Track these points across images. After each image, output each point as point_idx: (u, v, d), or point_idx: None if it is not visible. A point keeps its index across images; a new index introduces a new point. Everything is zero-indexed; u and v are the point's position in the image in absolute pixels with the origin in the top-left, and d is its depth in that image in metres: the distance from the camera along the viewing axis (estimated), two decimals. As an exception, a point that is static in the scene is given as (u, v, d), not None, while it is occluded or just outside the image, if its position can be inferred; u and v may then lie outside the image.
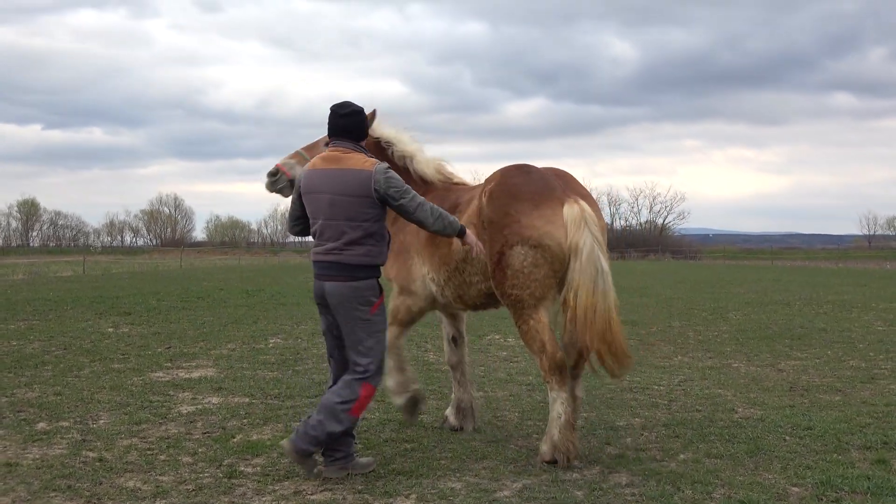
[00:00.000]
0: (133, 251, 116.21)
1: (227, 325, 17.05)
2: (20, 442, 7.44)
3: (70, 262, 62.06)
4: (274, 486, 6.21)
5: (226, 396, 9.46)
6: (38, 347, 13.44)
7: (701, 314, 19.92)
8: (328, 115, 6.58)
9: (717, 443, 7.39)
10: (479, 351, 13.21)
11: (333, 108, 6.58)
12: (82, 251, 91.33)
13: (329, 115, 6.57)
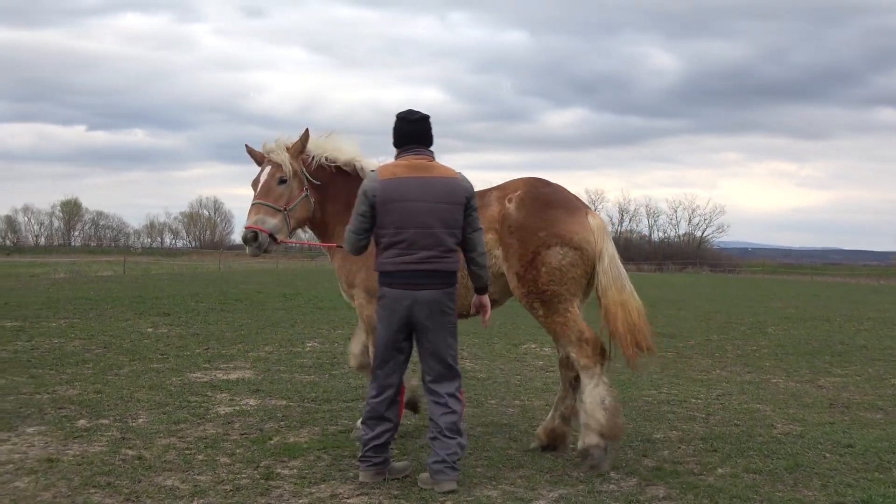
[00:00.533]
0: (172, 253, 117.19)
1: (264, 327, 17.16)
2: (61, 438, 7.52)
3: (110, 262, 62.72)
4: (310, 488, 6.23)
5: (263, 399, 9.52)
6: (78, 345, 13.60)
7: (739, 328, 19.75)
8: (394, 124, 6.54)
9: (755, 458, 7.32)
10: (515, 360, 13.20)
11: (401, 115, 6.53)
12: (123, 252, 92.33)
13: (396, 123, 6.53)
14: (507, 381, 11.10)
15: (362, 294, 7.50)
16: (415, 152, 6.46)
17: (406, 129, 6.49)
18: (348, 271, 7.58)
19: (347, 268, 7.58)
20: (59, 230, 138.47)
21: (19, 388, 9.71)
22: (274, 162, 7.36)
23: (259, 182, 7.31)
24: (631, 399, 9.92)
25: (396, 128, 6.53)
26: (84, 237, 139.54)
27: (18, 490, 6.01)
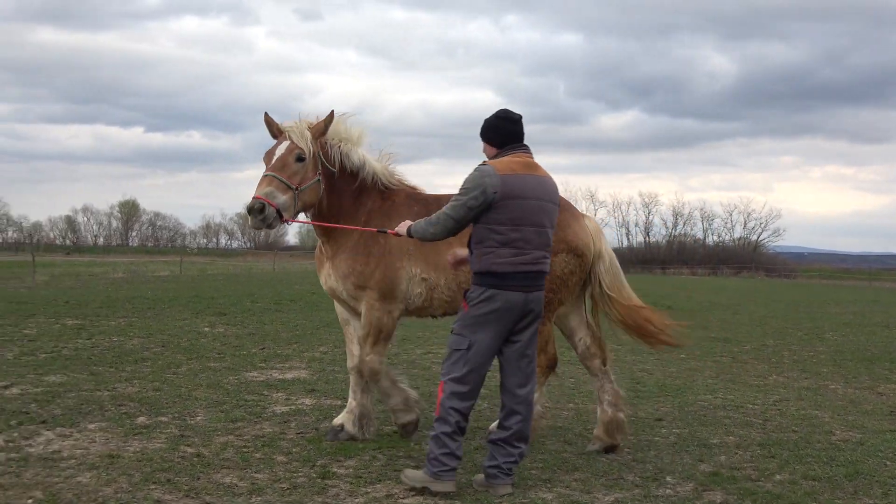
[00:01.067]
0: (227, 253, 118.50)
1: (318, 328, 17.28)
2: (122, 435, 7.65)
3: (167, 262, 63.58)
4: (366, 488, 6.27)
5: (318, 398, 9.59)
6: (137, 344, 13.81)
7: (796, 334, 19.49)
8: (495, 122, 6.44)
9: (814, 465, 7.23)
10: (568, 363, 13.13)
11: (503, 115, 6.46)
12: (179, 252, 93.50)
13: (497, 122, 6.44)
14: (560, 385, 11.07)
15: (374, 295, 7.30)
16: (523, 150, 6.42)
17: (510, 128, 6.41)
18: (360, 273, 7.29)
19: (359, 269, 7.30)
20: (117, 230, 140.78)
21: (80, 386, 9.89)
22: (294, 138, 7.12)
23: (274, 155, 7.06)
24: (686, 403, 9.85)
25: (498, 126, 6.43)
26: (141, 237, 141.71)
27: (81, 485, 6.13)
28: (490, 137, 6.48)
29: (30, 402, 8.88)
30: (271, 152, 7.09)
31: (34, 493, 5.90)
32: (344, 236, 7.43)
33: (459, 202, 6.11)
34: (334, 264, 7.47)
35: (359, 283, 7.32)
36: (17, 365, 11.23)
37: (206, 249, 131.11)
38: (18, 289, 27.70)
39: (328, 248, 7.56)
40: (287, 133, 7.14)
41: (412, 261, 7.36)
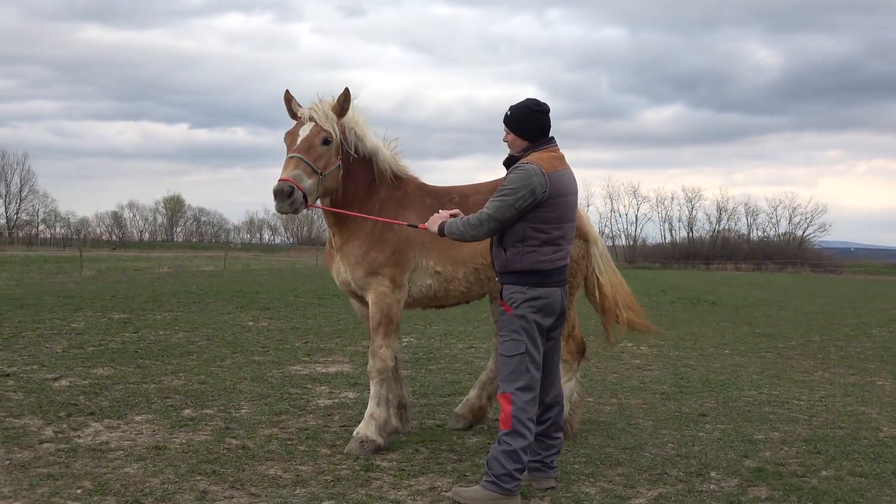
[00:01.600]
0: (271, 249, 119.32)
1: (361, 322, 17.31)
2: (168, 427, 7.74)
3: (211, 258, 64.18)
4: (409, 480, 6.30)
5: (361, 392, 9.64)
6: (183, 338, 13.97)
7: (842, 329, 19.26)
8: (529, 114, 6.10)
9: (861, 461, 7.15)
10: (611, 358, 13.09)
11: (536, 107, 6.14)
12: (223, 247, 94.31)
13: (532, 114, 6.11)
14: (603, 379, 11.04)
15: (385, 282, 7.12)
16: (554, 144, 6.21)
17: (544, 122, 6.15)
18: (373, 259, 7.10)
19: (373, 256, 7.11)
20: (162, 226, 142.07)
21: (127, 378, 10.02)
22: (318, 119, 6.88)
23: (298, 136, 6.82)
24: (731, 399, 9.78)
25: (534, 119, 6.12)
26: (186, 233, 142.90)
27: (128, 475, 6.21)
28: (524, 130, 6.13)
29: (78, 394, 9.02)
30: (294, 133, 6.87)
31: (83, 484, 5.99)
32: (357, 224, 7.19)
33: (505, 203, 5.86)
34: (345, 252, 7.24)
35: (371, 269, 7.10)
36: (66, 358, 11.41)
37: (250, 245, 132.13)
38: (66, 284, 28.11)
39: (338, 237, 7.30)
40: (310, 113, 6.92)
41: (424, 252, 7.30)
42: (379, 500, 5.84)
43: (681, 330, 17.92)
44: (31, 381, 9.68)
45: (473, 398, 8.16)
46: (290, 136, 6.88)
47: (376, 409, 7.16)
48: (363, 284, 7.19)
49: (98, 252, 77.30)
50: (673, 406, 9.33)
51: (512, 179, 5.92)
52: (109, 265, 45.70)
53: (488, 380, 8.12)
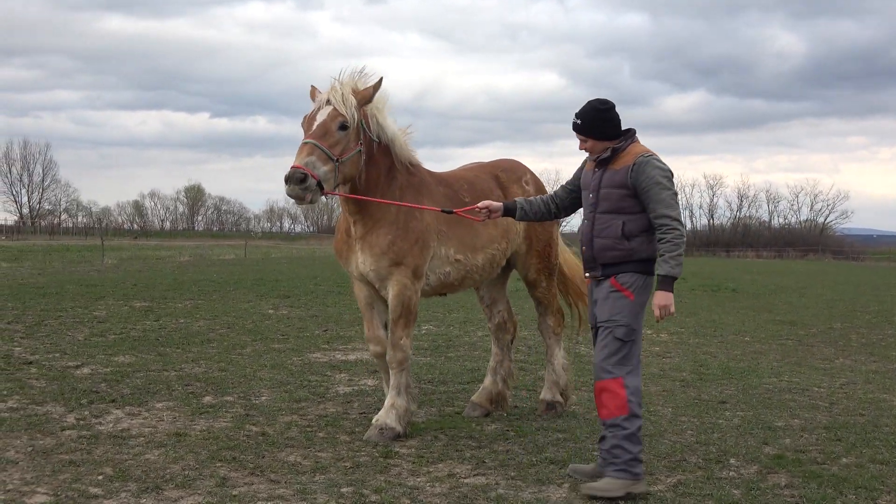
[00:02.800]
0: (291, 237, 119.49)
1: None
2: (188, 414, 7.79)
3: (232, 246, 64.39)
4: (428, 467, 6.32)
5: (380, 380, 9.62)
6: (203, 325, 14.03)
7: (864, 317, 19.15)
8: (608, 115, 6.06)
9: (882, 448, 7.12)
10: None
11: (600, 105, 6.09)
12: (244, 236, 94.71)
13: (610, 114, 6.07)
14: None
15: (408, 273, 7.03)
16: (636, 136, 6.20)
17: (616, 116, 6.12)
18: (399, 249, 6.97)
19: (398, 245, 6.97)
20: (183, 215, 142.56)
21: (148, 366, 10.08)
22: (335, 103, 6.71)
23: (315, 121, 6.66)
24: (751, 386, 9.74)
25: (608, 118, 6.06)
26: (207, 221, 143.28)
27: (149, 462, 6.26)
28: (600, 132, 6.06)
29: (100, 381, 9.08)
30: (311, 117, 6.72)
31: (104, 470, 6.04)
32: (380, 212, 7.02)
33: (675, 198, 5.94)
34: (368, 241, 7.03)
35: (396, 259, 6.96)
36: (88, 346, 11.49)
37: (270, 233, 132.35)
38: (88, 272, 28.29)
39: (360, 226, 7.07)
40: (329, 97, 6.74)
41: (443, 240, 7.30)
42: (398, 486, 5.86)
43: (701, 317, 17.86)
44: (53, 368, 9.75)
45: (489, 385, 8.22)
46: (308, 120, 6.75)
47: (397, 399, 7.15)
48: (385, 275, 7.04)
49: (120, 241, 77.64)
50: (692, 393, 9.30)
51: (663, 171, 5.91)
52: (131, 254, 45.90)
53: (497, 364, 8.26)
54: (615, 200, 5.98)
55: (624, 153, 6.01)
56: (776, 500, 5.76)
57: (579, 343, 12.63)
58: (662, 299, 5.82)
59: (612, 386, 5.88)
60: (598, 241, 6.03)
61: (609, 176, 6.01)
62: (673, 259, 5.79)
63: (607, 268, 6.01)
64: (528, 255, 8.13)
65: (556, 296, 8.42)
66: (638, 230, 5.95)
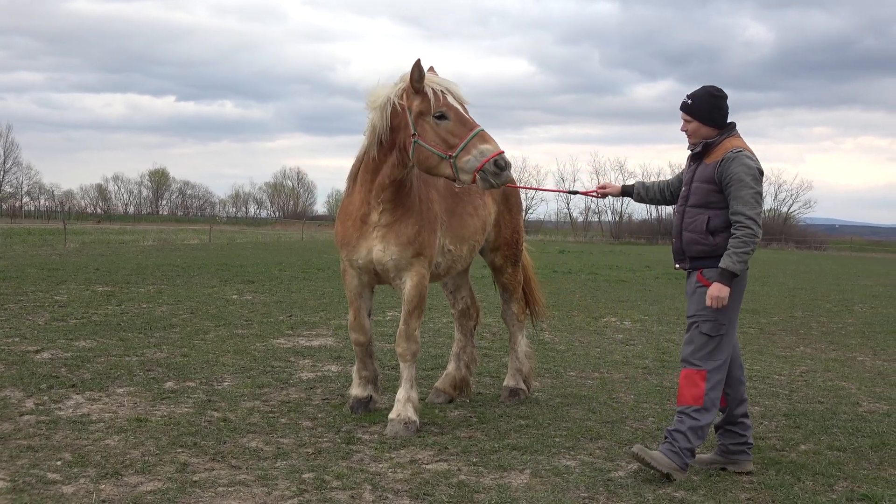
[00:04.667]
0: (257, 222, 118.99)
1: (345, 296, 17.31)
2: (149, 399, 7.73)
3: (197, 231, 63.91)
4: (390, 453, 6.32)
5: (344, 365, 9.65)
6: (166, 311, 13.93)
7: (825, 305, 19.37)
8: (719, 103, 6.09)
9: (839, 435, 7.21)
10: (594, 333, 13.15)
11: (715, 92, 6.12)
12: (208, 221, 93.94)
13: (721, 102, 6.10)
14: (586, 354, 11.08)
15: (426, 264, 7.08)
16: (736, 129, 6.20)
17: (726, 107, 6.14)
18: (424, 240, 6.99)
19: (424, 236, 6.99)
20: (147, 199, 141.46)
21: (110, 351, 9.99)
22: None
23: (462, 111, 6.57)
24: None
25: (719, 106, 6.09)
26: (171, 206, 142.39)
27: (109, 447, 6.21)
28: (708, 118, 6.07)
29: (60, 366, 8.99)
30: (454, 106, 6.55)
31: (63, 455, 5.99)
32: (409, 201, 6.98)
33: (757, 197, 5.91)
34: (395, 230, 6.92)
35: (419, 249, 6.96)
36: (48, 330, 11.37)
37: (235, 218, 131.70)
38: (50, 256, 27.98)
39: (387, 214, 6.94)
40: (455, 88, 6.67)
41: (443, 231, 7.31)
42: (360, 472, 5.85)
43: (665, 305, 17.98)
44: (12, 353, 9.64)
45: (452, 371, 8.25)
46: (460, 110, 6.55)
47: (411, 392, 7.10)
48: (405, 266, 7.00)
49: (82, 225, 76.93)
50: (655, 380, 9.37)
51: (746, 171, 5.87)
52: (93, 238, 45.50)
53: (460, 350, 8.32)
54: (703, 195, 6.04)
55: (717, 147, 6.05)
56: (735, 487, 5.82)
57: (543, 330, 12.69)
58: (717, 291, 5.86)
59: (695, 376, 5.97)
60: (686, 234, 6.13)
61: (701, 170, 6.09)
62: (737, 255, 5.84)
63: (695, 261, 6.10)
64: (496, 242, 8.18)
65: (521, 283, 8.48)
66: (723, 226, 5.98)
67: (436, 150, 6.45)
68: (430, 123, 6.48)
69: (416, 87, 6.56)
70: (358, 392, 7.56)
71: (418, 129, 6.53)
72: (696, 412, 5.92)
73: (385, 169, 6.84)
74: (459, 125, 6.44)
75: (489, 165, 6.25)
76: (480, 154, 6.28)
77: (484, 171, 6.26)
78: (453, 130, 6.43)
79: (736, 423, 6.19)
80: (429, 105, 6.49)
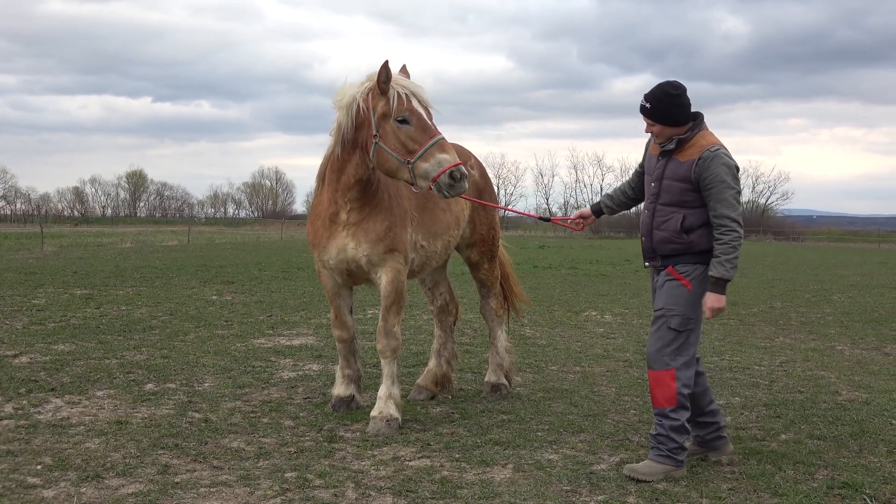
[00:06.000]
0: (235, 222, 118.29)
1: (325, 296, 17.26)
2: (130, 401, 7.69)
3: (175, 232, 63.63)
4: (373, 451, 6.31)
5: (325, 364, 9.63)
6: (145, 312, 13.85)
7: (804, 296, 19.48)
8: (682, 100, 5.89)
9: (819, 424, 7.25)
10: (575, 327, 13.17)
11: (672, 90, 5.91)
12: (187, 222, 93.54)
13: (683, 98, 5.90)
14: (567, 348, 11.09)
15: (401, 259, 7.04)
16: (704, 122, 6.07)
17: (687, 101, 5.94)
18: (395, 235, 6.96)
19: (395, 232, 6.96)
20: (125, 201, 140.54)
21: (89, 354, 9.94)
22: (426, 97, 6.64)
23: (424, 116, 6.49)
24: (693, 366, 9.85)
25: (679, 102, 5.87)
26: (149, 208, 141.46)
27: (89, 450, 6.17)
28: (678, 117, 5.88)
29: (39, 370, 8.93)
30: (417, 111, 6.49)
31: (43, 459, 5.95)
32: (376, 199, 6.95)
33: (737, 197, 5.82)
34: (364, 228, 6.91)
35: (392, 245, 6.94)
36: (27, 334, 11.29)
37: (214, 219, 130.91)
38: (27, 260, 27.80)
39: (354, 213, 6.91)
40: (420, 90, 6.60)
41: (415, 227, 7.29)
42: (342, 470, 5.84)
43: (645, 298, 18.02)
44: (-10, 358, 9.56)
45: (433, 368, 8.24)
46: (423, 109, 6.51)
47: (392, 388, 7.07)
48: (378, 262, 6.98)
49: (60, 228, 76.31)
50: (635, 373, 9.39)
51: (728, 169, 5.75)
52: (71, 241, 45.17)
53: (441, 346, 8.30)
54: (677, 193, 5.88)
55: (690, 144, 5.87)
56: (716, 477, 5.84)
57: (524, 325, 12.70)
58: (715, 301, 5.80)
59: (664, 377, 5.88)
60: (657, 233, 5.97)
61: (673, 167, 5.90)
62: (728, 262, 5.73)
63: (666, 259, 5.99)
64: (472, 238, 8.17)
65: (498, 278, 8.48)
66: (698, 224, 5.86)
67: (395, 153, 6.42)
68: (392, 127, 6.44)
69: (382, 89, 6.51)
70: (340, 391, 7.54)
71: (380, 131, 6.51)
72: (672, 412, 5.85)
73: (349, 168, 6.80)
74: (420, 131, 6.40)
75: (443, 177, 6.21)
76: (438, 164, 6.25)
77: (438, 183, 6.25)
78: (414, 136, 6.38)
79: (705, 413, 6.14)
80: (392, 108, 6.45)
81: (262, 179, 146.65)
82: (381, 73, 6.48)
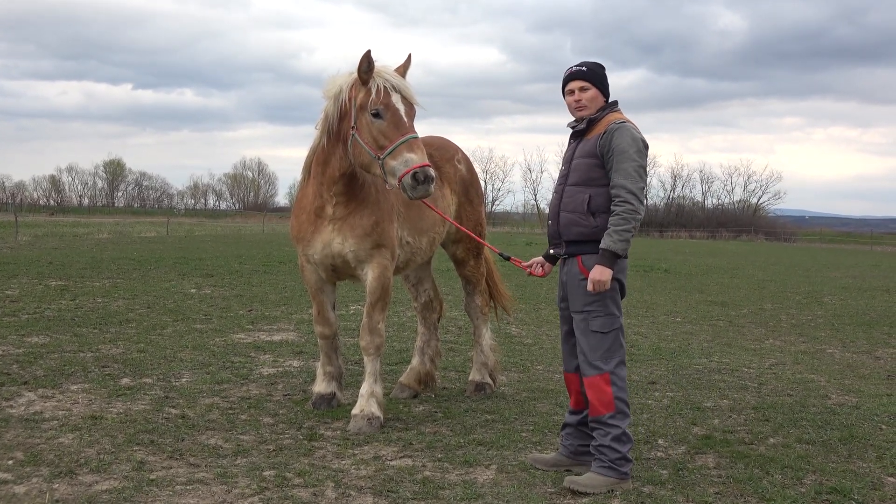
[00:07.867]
0: (216, 214, 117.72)
1: (306, 291, 17.10)
2: (105, 396, 7.52)
3: (154, 223, 63.21)
4: (353, 449, 6.17)
5: (306, 360, 9.47)
6: (122, 305, 13.64)
7: (794, 298, 19.44)
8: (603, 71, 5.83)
9: (808, 428, 7.15)
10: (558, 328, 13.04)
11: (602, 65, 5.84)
12: (166, 213, 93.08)
13: (605, 71, 5.82)
14: (553, 347, 10.97)
15: (388, 255, 6.94)
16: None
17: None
18: (382, 231, 6.86)
19: (382, 227, 6.86)
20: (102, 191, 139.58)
21: (63, 347, 9.74)
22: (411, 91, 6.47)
23: (401, 111, 6.30)
24: (681, 367, 9.76)
25: (606, 77, 5.81)
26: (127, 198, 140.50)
27: (63, 446, 6.01)
28: (607, 88, 5.82)
29: (11, 363, 8.73)
30: (394, 106, 6.31)
31: (15, 454, 5.79)
32: (363, 193, 6.83)
33: (642, 172, 5.52)
34: (350, 223, 6.79)
35: (379, 241, 6.83)
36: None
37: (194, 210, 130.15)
38: (1, 249, 27.46)
39: (340, 207, 6.79)
40: (403, 84, 6.42)
41: (400, 223, 7.17)
42: (322, 469, 5.70)
43: (633, 298, 17.93)
44: (-38, 349, 9.36)
45: (417, 366, 8.14)
46: (394, 109, 6.30)
47: (375, 387, 6.93)
48: (365, 257, 6.86)
49: (35, 217, 75.69)
50: (621, 374, 9.26)
51: (631, 142, 5.53)
52: (46, 231, 44.69)
53: (424, 344, 8.23)
54: (584, 171, 5.65)
55: (600, 122, 5.70)
56: (704, 481, 5.73)
57: (510, 324, 12.57)
58: (598, 274, 5.47)
59: (598, 383, 5.58)
60: (563, 215, 5.71)
61: (582, 146, 5.73)
62: (618, 234, 5.44)
63: (571, 245, 5.70)
64: (458, 234, 8.04)
65: (483, 275, 8.37)
66: (605, 205, 5.58)
67: (368, 147, 6.29)
68: (367, 120, 6.30)
69: (363, 79, 6.35)
70: (321, 388, 7.38)
71: (357, 123, 6.37)
72: (611, 419, 5.55)
73: (334, 161, 6.67)
74: (392, 127, 6.23)
75: (406, 178, 6.04)
76: (404, 163, 6.08)
77: (403, 183, 6.08)
78: (385, 132, 6.23)
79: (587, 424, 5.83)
80: (369, 100, 6.28)
81: (244, 170, 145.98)
82: (361, 62, 6.31)
